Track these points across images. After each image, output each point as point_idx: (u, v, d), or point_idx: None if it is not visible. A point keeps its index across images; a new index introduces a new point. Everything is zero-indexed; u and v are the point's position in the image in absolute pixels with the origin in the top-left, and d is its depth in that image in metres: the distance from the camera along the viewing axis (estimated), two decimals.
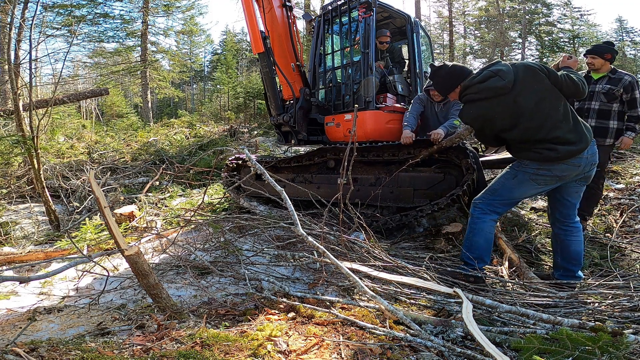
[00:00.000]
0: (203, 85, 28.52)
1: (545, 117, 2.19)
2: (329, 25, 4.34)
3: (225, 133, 11.02)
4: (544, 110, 2.20)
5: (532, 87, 2.20)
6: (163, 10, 15.86)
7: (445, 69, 2.44)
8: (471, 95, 2.30)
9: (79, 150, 8.33)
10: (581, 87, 2.25)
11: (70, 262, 1.72)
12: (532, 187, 2.37)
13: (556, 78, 2.23)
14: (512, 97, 2.21)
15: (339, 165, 3.99)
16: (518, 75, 2.21)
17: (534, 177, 2.33)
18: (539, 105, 2.19)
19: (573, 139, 2.21)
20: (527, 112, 2.20)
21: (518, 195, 2.46)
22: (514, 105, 2.21)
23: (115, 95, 16.70)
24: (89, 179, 1.85)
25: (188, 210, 4.58)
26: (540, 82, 2.20)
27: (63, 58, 11.41)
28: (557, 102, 2.22)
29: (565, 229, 2.45)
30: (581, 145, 2.22)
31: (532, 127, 2.22)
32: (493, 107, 2.25)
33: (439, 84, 2.50)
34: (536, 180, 2.33)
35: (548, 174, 2.29)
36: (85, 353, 1.20)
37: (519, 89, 2.19)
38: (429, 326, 1.58)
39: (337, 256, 2.34)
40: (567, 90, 2.25)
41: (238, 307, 1.86)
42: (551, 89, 2.21)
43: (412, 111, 3.67)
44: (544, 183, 2.34)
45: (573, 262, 2.42)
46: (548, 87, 2.21)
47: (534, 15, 18.65)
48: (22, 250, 4.00)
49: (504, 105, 2.23)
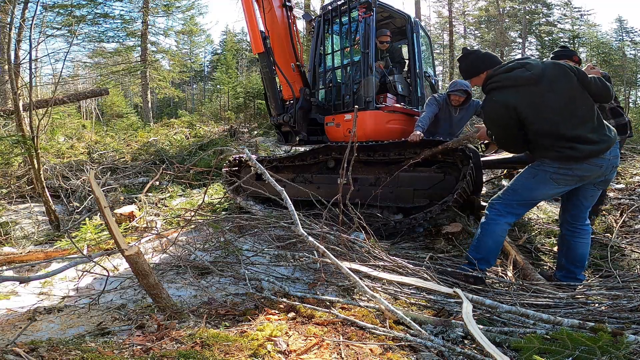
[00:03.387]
0: (203, 85, 28.53)
1: (571, 115, 2.18)
2: (329, 25, 4.34)
3: (225, 133, 11.01)
4: (570, 108, 2.19)
5: (562, 84, 2.19)
6: (163, 10, 15.85)
7: (477, 54, 2.42)
8: (495, 83, 2.28)
9: (79, 150, 8.32)
10: (611, 90, 2.27)
11: (70, 262, 1.72)
12: (552, 186, 2.32)
13: (585, 78, 2.22)
14: (540, 90, 2.20)
15: (338, 165, 4.00)
16: (546, 71, 2.20)
17: (554, 176, 2.29)
18: (568, 103, 2.19)
19: (595, 138, 2.19)
20: (555, 107, 2.19)
21: (538, 196, 2.42)
22: (540, 98, 2.20)
23: (115, 95, 16.70)
24: (89, 179, 1.85)
25: (188, 210, 4.58)
26: (570, 81, 2.20)
27: (63, 58, 11.42)
28: (585, 102, 2.21)
29: (573, 230, 2.42)
30: (602, 145, 2.19)
31: (557, 121, 2.20)
32: (517, 96, 2.22)
33: (465, 66, 2.45)
34: (556, 180, 2.29)
35: (569, 174, 2.26)
36: (85, 353, 1.19)
37: (548, 84, 2.19)
38: (429, 326, 1.58)
39: (337, 256, 2.34)
40: (597, 91, 2.24)
41: (238, 307, 1.86)
42: (580, 89, 2.20)
43: (428, 113, 3.67)
44: (565, 183, 2.30)
45: (577, 264, 2.40)
46: (577, 87, 2.20)
47: (534, 15, 18.66)
48: (22, 250, 4.00)
49: (528, 95, 2.21)
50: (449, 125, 3.86)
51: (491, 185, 4.87)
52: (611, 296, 2.06)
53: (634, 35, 20.50)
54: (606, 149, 2.21)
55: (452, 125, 3.87)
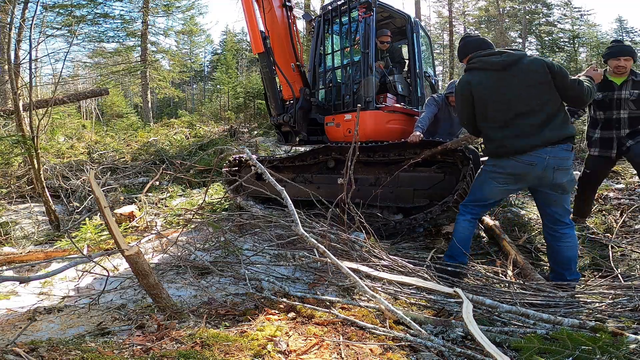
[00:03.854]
0: (203, 85, 28.53)
1: (517, 107, 2.22)
2: (329, 25, 4.34)
3: (225, 133, 11.01)
4: (521, 101, 2.22)
5: (527, 77, 2.21)
6: (163, 10, 15.85)
7: (469, 39, 2.51)
8: (471, 64, 2.40)
9: (79, 150, 8.32)
10: (585, 97, 2.22)
11: (70, 262, 1.72)
12: (494, 185, 2.40)
13: (562, 81, 2.19)
14: (501, 77, 2.25)
15: (338, 165, 4.00)
16: (520, 63, 2.23)
17: (492, 175, 2.38)
18: (522, 95, 2.21)
19: (527, 134, 2.22)
20: (505, 96, 2.24)
21: (487, 195, 2.47)
22: (497, 84, 2.26)
23: (115, 95, 16.70)
24: (89, 179, 1.85)
25: (188, 210, 4.58)
26: (540, 76, 2.19)
27: (63, 58, 11.43)
28: (542, 99, 2.20)
29: (554, 234, 2.39)
30: (529, 141, 2.21)
31: (501, 109, 2.27)
32: (479, 77, 2.33)
33: (458, 49, 2.57)
34: (495, 178, 2.37)
35: (502, 172, 2.33)
36: (85, 353, 1.19)
37: (513, 74, 2.22)
38: (429, 326, 1.58)
39: (337, 255, 2.34)
40: (570, 94, 2.22)
41: (238, 307, 1.86)
42: (547, 87, 2.20)
43: (427, 113, 3.67)
44: (504, 181, 2.36)
45: (564, 266, 2.38)
46: (544, 83, 2.19)
47: (534, 15, 18.66)
48: (22, 250, 3.99)
49: (489, 79, 2.30)
50: (449, 125, 3.86)
51: None
52: (611, 296, 2.06)
53: (634, 35, 20.52)
54: (534, 145, 2.20)
55: (452, 125, 3.87)
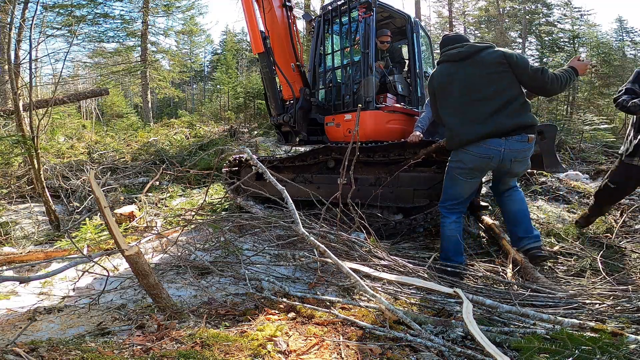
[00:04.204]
0: (203, 85, 28.51)
1: (472, 96, 2.29)
2: (329, 26, 4.34)
3: (225, 133, 11.01)
4: (476, 91, 2.28)
5: (483, 67, 2.27)
6: (163, 10, 15.84)
7: (445, 36, 2.61)
8: (440, 58, 2.54)
9: (79, 150, 8.32)
10: (550, 86, 2.26)
11: (70, 262, 1.72)
12: (458, 180, 2.48)
13: (522, 71, 2.25)
14: (458, 68, 2.34)
15: (338, 165, 3.99)
16: (478, 54, 2.30)
17: (457, 171, 2.47)
18: (477, 85, 2.28)
19: (478, 120, 2.28)
20: (460, 87, 2.32)
21: (457, 192, 2.55)
22: (454, 75, 2.35)
23: (115, 95, 16.68)
24: (89, 179, 1.85)
25: (188, 210, 4.58)
26: (497, 66, 2.25)
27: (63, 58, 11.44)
28: (498, 89, 2.25)
29: (502, 199, 2.63)
30: (481, 128, 2.26)
31: (455, 100, 2.36)
32: (442, 69, 2.45)
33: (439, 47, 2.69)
34: (460, 174, 2.46)
35: (464, 167, 2.41)
36: (85, 353, 1.19)
37: (470, 64, 2.31)
38: (429, 326, 1.58)
39: (338, 255, 2.34)
40: (533, 84, 2.28)
41: (238, 307, 1.86)
42: (505, 77, 2.26)
43: (427, 113, 3.68)
44: (465, 176, 2.44)
45: (517, 224, 2.54)
46: (502, 73, 2.25)
47: (534, 15, 18.63)
48: (22, 250, 3.99)
49: (448, 69, 2.41)
50: None
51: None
52: (611, 296, 2.06)
53: (634, 35, 20.49)
54: (483, 134, 2.25)
55: None
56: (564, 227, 3.45)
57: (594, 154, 6.82)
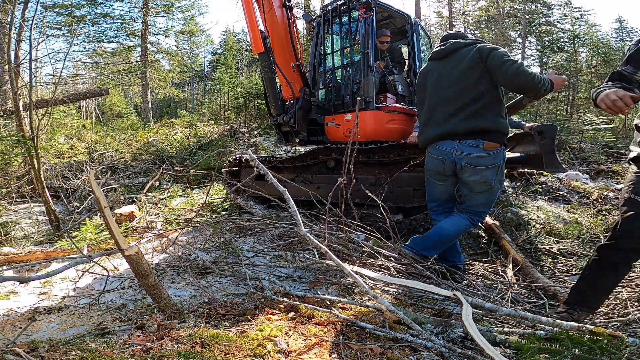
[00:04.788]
0: (203, 85, 28.51)
1: (444, 93, 2.24)
2: (329, 25, 4.34)
3: (225, 133, 11.01)
4: (444, 89, 2.24)
5: (458, 64, 2.19)
6: (163, 10, 15.85)
7: (446, 34, 2.56)
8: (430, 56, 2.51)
9: (79, 150, 8.32)
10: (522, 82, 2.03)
11: (70, 262, 1.72)
12: (430, 182, 2.49)
13: (492, 66, 2.07)
14: (438, 66, 2.30)
15: (338, 165, 3.99)
16: (458, 52, 2.22)
17: (427, 173, 2.47)
18: (450, 83, 2.22)
19: (437, 122, 2.25)
20: (436, 85, 2.29)
21: (433, 193, 2.54)
22: (433, 72, 2.32)
23: (115, 95, 16.68)
24: (89, 179, 1.84)
25: (188, 210, 4.58)
26: (469, 62, 2.13)
27: (63, 58, 11.44)
28: (460, 89, 2.17)
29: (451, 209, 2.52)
30: (436, 130, 2.24)
31: (430, 96, 2.32)
32: (426, 68, 2.44)
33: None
34: (427, 174, 2.48)
35: (427, 168, 2.43)
36: (85, 353, 1.19)
37: (449, 62, 2.26)
38: (429, 326, 1.58)
39: (338, 256, 2.33)
40: (503, 80, 2.07)
41: (238, 307, 1.85)
42: (472, 75, 2.12)
43: None
44: (432, 177, 2.44)
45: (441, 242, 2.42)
46: (473, 70, 2.12)
47: (534, 15, 18.64)
48: (22, 250, 4.00)
49: (431, 67, 2.39)
50: None
51: None
52: (612, 297, 2.06)
53: (634, 35, 20.51)
54: (435, 136, 2.24)
55: None
56: (563, 227, 3.45)
57: (594, 154, 6.81)
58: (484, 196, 2.26)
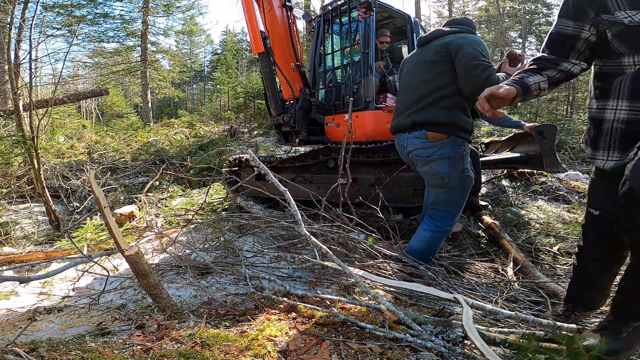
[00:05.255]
0: (203, 85, 28.53)
1: (414, 83, 2.22)
2: (329, 25, 4.34)
3: (225, 133, 11.02)
4: (411, 79, 2.24)
5: (428, 54, 2.16)
6: (163, 10, 15.86)
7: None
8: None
9: (79, 150, 8.32)
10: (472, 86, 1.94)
11: (70, 262, 1.72)
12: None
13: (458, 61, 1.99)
14: (417, 53, 2.30)
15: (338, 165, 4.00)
16: (433, 42, 2.16)
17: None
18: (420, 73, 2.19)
19: (398, 112, 2.26)
20: (409, 74, 2.29)
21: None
22: (410, 60, 2.33)
23: (115, 95, 16.70)
24: (89, 179, 1.84)
25: (188, 210, 4.58)
26: (436, 54, 2.09)
27: (63, 58, 11.44)
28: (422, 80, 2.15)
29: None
30: (395, 122, 2.26)
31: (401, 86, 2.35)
32: (406, 57, 2.43)
33: None
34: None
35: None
36: (85, 353, 1.19)
37: (424, 51, 2.23)
38: (429, 326, 1.58)
39: (338, 256, 2.33)
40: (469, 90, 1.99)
41: (238, 307, 1.85)
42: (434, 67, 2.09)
43: None
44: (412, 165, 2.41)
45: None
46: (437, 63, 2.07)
47: (534, 15, 18.66)
48: (22, 250, 4.00)
49: (407, 58, 2.40)
50: None
51: (491, 185, 4.87)
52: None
53: None
54: (396, 127, 2.24)
55: None
56: (563, 227, 3.45)
57: None
58: (442, 193, 2.17)
